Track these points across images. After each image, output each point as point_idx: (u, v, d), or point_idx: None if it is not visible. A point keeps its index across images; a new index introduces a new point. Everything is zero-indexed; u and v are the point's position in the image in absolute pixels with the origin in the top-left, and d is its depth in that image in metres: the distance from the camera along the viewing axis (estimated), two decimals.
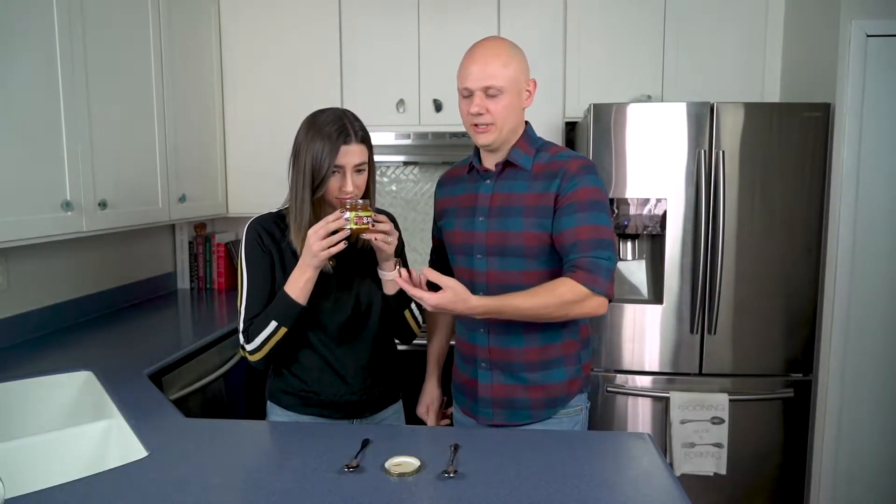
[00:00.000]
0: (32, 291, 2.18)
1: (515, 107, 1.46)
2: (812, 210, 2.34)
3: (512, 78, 1.43)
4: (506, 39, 1.50)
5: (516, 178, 1.49)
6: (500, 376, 1.53)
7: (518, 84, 1.45)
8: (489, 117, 1.44)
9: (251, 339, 1.45)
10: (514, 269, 1.47)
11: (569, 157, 1.49)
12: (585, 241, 1.39)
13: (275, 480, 1.13)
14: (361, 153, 1.45)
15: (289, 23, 2.91)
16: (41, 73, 1.83)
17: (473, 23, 2.82)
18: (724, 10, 2.72)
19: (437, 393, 1.74)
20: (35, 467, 1.38)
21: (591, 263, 1.37)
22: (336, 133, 1.41)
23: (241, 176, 3.02)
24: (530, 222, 1.45)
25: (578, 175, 1.43)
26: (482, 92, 1.42)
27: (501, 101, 1.43)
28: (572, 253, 1.39)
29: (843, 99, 2.30)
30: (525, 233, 1.45)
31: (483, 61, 1.42)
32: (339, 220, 1.38)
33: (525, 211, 1.45)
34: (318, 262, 1.40)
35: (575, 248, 1.39)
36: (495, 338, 1.52)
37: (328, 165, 1.40)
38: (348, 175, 1.43)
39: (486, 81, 1.41)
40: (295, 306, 1.42)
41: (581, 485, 1.11)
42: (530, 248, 1.45)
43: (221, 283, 3.13)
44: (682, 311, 2.40)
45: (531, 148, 1.51)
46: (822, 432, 2.41)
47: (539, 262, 1.46)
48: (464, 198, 1.57)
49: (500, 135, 1.46)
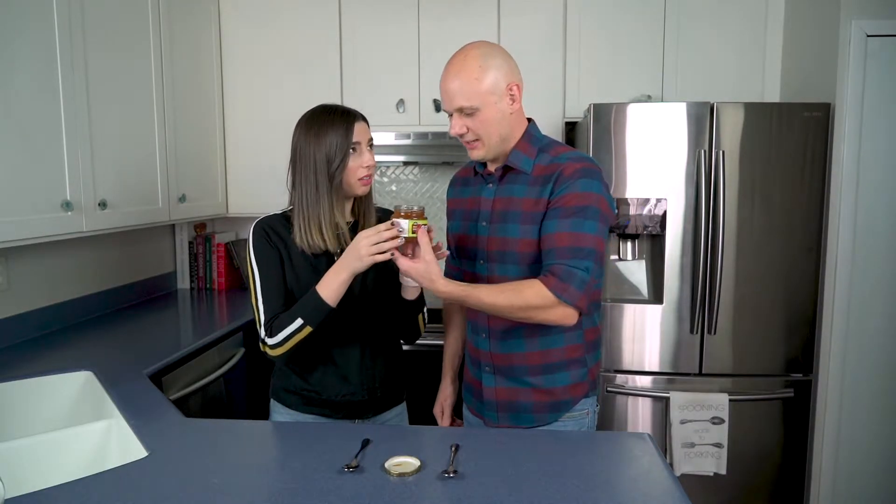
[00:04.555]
0: (32, 291, 2.18)
1: (497, 117, 1.40)
2: (812, 210, 2.34)
3: (486, 91, 1.36)
4: (481, 46, 1.40)
5: (517, 182, 1.46)
6: (504, 380, 1.52)
7: (495, 94, 1.37)
8: (472, 134, 1.41)
9: (275, 333, 1.43)
10: (513, 275, 1.45)
11: (568, 158, 1.42)
12: (563, 248, 1.34)
13: (275, 480, 1.13)
14: (368, 130, 1.51)
15: (289, 23, 2.91)
16: (41, 74, 1.83)
17: (474, 22, 2.82)
18: (724, 10, 2.72)
19: (450, 391, 1.73)
20: (35, 467, 1.38)
21: (565, 272, 1.32)
22: (341, 116, 1.47)
23: (241, 176, 3.02)
24: (526, 229, 1.42)
25: (571, 179, 1.37)
26: (458, 112, 1.39)
27: (479, 116, 1.38)
28: (548, 259, 1.36)
29: (843, 99, 2.30)
30: (521, 239, 1.42)
31: (452, 81, 1.37)
32: (391, 230, 1.35)
33: (522, 217, 1.43)
34: (361, 266, 1.37)
35: (551, 255, 1.35)
36: (496, 342, 1.52)
37: (347, 145, 1.44)
38: (365, 148, 1.49)
39: (457, 103, 1.38)
40: (324, 307, 1.40)
41: (581, 485, 1.11)
42: (527, 255, 1.42)
43: (221, 283, 3.13)
44: (682, 311, 2.40)
45: (533, 148, 1.46)
46: (822, 432, 2.41)
47: (536, 268, 1.42)
48: (469, 201, 1.57)
49: (489, 147, 1.43)
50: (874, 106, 2.29)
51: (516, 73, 1.41)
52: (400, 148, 2.84)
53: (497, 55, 1.39)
